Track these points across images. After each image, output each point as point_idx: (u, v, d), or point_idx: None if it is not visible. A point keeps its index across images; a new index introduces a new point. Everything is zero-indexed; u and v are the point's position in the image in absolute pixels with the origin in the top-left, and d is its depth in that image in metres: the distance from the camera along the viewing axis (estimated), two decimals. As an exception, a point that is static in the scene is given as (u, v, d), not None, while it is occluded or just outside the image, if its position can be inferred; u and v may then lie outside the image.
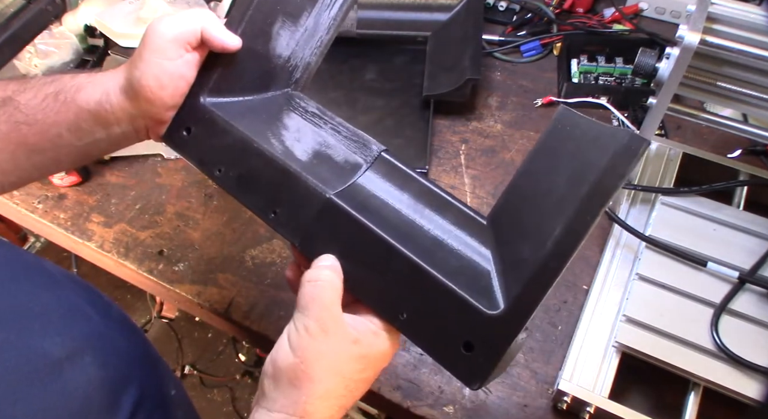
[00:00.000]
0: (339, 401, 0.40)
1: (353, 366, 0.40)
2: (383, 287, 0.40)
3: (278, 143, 0.45)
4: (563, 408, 0.56)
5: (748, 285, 0.57)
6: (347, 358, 0.39)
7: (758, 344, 0.54)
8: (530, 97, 0.84)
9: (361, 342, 0.40)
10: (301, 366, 0.38)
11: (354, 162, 0.44)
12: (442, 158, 0.78)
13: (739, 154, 0.74)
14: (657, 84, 0.53)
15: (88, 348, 0.38)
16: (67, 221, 0.75)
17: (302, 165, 0.43)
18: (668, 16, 0.92)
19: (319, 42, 0.48)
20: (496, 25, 0.94)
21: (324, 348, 0.39)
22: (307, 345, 0.38)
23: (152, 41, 0.45)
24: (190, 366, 1.52)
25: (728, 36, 0.50)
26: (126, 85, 0.46)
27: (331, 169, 0.44)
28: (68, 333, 0.38)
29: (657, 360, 0.54)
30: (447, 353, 0.37)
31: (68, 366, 0.36)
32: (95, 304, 0.43)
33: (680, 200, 0.64)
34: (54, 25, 0.94)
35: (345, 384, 0.40)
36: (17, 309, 0.37)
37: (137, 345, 0.46)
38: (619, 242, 0.64)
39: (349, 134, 0.45)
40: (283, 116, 0.47)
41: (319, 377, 0.38)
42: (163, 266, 0.70)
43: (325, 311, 0.39)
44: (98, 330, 0.41)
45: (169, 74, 0.45)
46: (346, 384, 0.40)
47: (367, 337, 0.40)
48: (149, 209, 0.75)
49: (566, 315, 0.64)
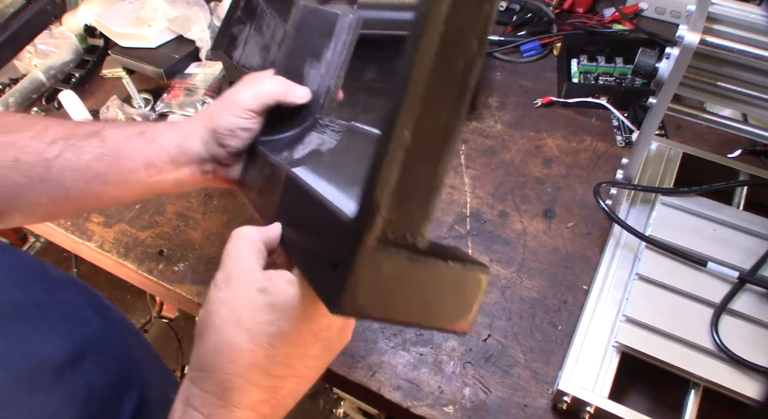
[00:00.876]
0: (248, 358, 0.35)
1: (258, 315, 0.36)
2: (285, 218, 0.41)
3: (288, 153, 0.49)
4: (563, 408, 0.56)
5: (748, 285, 0.57)
6: (249, 306, 0.36)
7: (758, 344, 0.54)
8: (530, 97, 0.84)
9: (269, 290, 0.37)
10: (204, 318, 0.37)
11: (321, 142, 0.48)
12: (442, 158, 0.78)
13: (739, 154, 0.74)
14: (657, 84, 0.53)
15: (89, 352, 0.38)
16: (67, 221, 0.75)
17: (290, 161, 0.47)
18: (668, 16, 0.92)
19: (337, 67, 0.54)
20: (496, 25, 0.94)
21: (224, 296, 0.37)
22: (212, 295, 0.38)
23: (234, 103, 0.52)
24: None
25: (728, 36, 0.50)
26: (203, 133, 0.52)
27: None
28: (69, 338, 0.38)
29: (657, 360, 0.54)
30: (318, 273, 0.32)
31: (69, 371, 0.36)
32: (96, 307, 0.43)
33: (680, 200, 0.64)
34: (54, 25, 0.94)
35: (250, 337, 0.36)
36: (19, 314, 0.37)
37: (137, 347, 0.46)
38: (619, 242, 0.64)
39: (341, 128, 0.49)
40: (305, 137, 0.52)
41: (218, 326, 0.36)
42: (163, 266, 0.70)
43: (233, 261, 0.39)
44: (99, 333, 0.41)
45: (241, 128, 0.51)
46: (252, 337, 0.36)
47: (278, 286, 0.37)
48: (149, 209, 0.75)
49: (566, 315, 0.64)
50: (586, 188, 0.74)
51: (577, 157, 0.77)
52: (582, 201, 0.73)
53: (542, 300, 0.65)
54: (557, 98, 0.83)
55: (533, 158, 0.77)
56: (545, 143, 0.79)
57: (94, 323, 0.42)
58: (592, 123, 0.81)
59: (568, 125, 0.81)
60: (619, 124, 0.80)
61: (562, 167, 0.76)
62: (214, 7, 0.93)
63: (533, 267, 0.67)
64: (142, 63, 0.88)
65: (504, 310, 0.64)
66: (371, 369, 0.61)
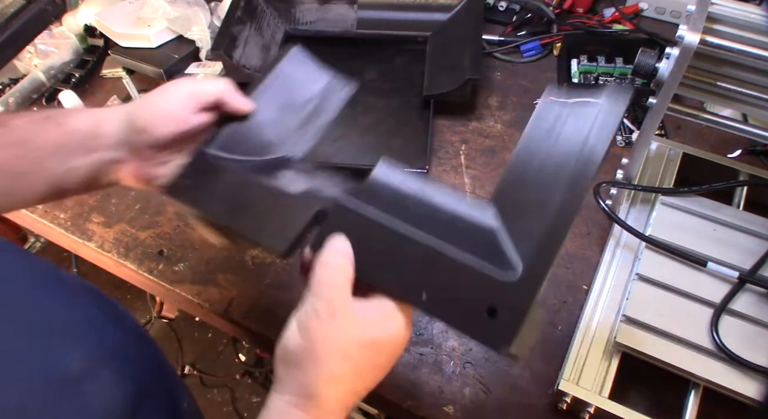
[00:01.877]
0: (347, 385, 0.39)
1: (362, 351, 0.39)
2: (400, 271, 0.40)
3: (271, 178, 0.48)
4: (563, 408, 0.56)
5: (748, 285, 0.57)
6: (356, 342, 0.39)
7: (758, 344, 0.54)
8: (530, 97, 0.84)
9: (372, 326, 0.40)
10: (308, 348, 0.38)
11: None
12: (442, 158, 0.78)
13: (739, 154, 0.74)
14: (657, 84, 0.53)
15: (106, 363, 0.38)
16: (67, 221, 0.75)
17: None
18: (668, 16, 0.92)
19: (318, 127, 0.52)
20: (496, 25, 0.94)
21: (331, 331, 0.38)
22: (314, 326, 0.38)
23: (167, 91, 0.48)
24: (190, 366, 1.52)
25: (728, 36, 0.50)
26: (123, 115, 0.48)
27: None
28: (87, 349, 0.38)
29: (657, 360, 0.54)
30: (472, 322, 0.38)
31: (87, 382, 0.36)
32: (111, 315, 0.43)
33: (680, 200, 0.64)
34: (54, 25, 0.94)
35: (354, 369, 0.39)
36: (38, 323, 0.37)
37: (151, 357, 0.46)
38: (619, 242, 0.64)
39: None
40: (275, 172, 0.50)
41: (324, 359, 0.38)
42: (163, 266, 0.70)
43: (335, 293, 0.39)
44: (115, 343, 0.41)
45: (169, 114, 0.48)
46: (355, 369, 0.39)
47: (379, 321, 0.40)
48: (149, 209, 0.75)
49: (566, 315, 0.64)
50: (586, 188, 0.74)
51: (577, 157, 0.77)
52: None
53: (542, 300, 0.65)
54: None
55: (533, 158, 0.77)
56: (545, 143, 0.79)
57: (111, 332, 0.41)
58: (592, 123, 0.81)
59: (568, 125, 0.81)
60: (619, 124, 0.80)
61: (562, 167, 0.76)
62: (214, 7, 0.93)
63: (533, 267, 0.67)
64: (142, 63, 0.88)
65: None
66: (371, 369, 0.61)
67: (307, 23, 0.92)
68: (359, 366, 0.39)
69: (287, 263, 0.69)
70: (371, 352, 0.40)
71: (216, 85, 0.49)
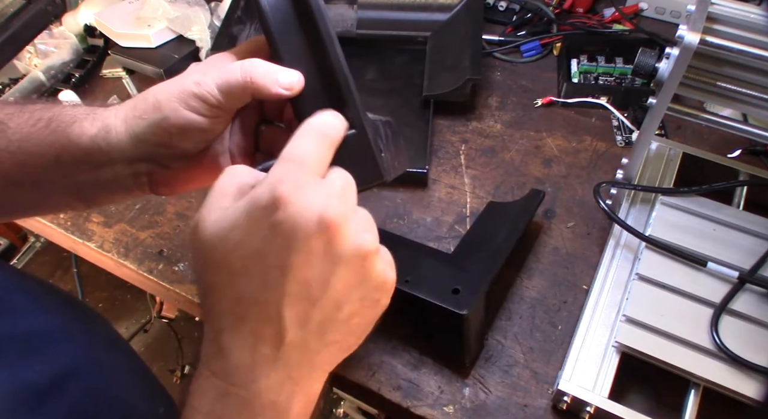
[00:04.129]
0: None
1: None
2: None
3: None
4: (563, 408, 0.56)
5: (748, 285, 0.57)
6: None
7: (758, 344, 0.54)
8: (530, 97, 0.84)
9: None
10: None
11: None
12: (442, 158, 0.78)
13: (739, 154, 0.74)
14: (657, 84, 0.53)
15: (73, 374, 0.36)
16: (67, 221, 0.75)
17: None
18: (668, 16, 0.92)
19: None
20: (496, 25, 0.94)
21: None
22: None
23: (189, 93, 0.39)
24: (190, 366, 1.52)
25: (728, 36, 0.50)
26: (137, 125, 0.40)
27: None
28: (51, 360, 0.36)
29: (657, 360, 0.54)
30: (443, 297, 0.54)
31: (51, 395, 0.34)
32: (80, 323, 0.41)
33: (680, 200, 0.64)
34: (54, 25, 0.94)
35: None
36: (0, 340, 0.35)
37: (124, 363, 0.44)
38: (619, 242, 0.64)
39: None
40: None
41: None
42: (163, 266, 0.70)
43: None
44: (83, 352, 0.39)
45: (198, 130, 0.40)
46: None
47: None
48: (149, 209, 0.75)
49: (566, 314, 0.64)
50: (586, 188, 0.74)
51: (577, 157, 0.77)
52: (582, 201, 0.73)
53: (542, 300, 0.65)
54: (557, 98, 0.83)
55: (533, 158, 0.77)
56: (545, 143, 0.79)
57: (79, 341, 0.39)
58: (592, 123, 0.81)
59: (568, 125, 0.81)
60: (619, 124, 0.80)
61: (562, 167, 0.76)
62: (214, 7, 0.93)
63: (533, 267, 0.67)
64: (142, 63, 0.88)
65: (504, 310, 0.64)
66: (371, 369, 0.61)
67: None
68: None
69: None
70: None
71: (248, 67, 0.38)
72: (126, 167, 0.42)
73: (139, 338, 1.59)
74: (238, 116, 0.44)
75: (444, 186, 0.75)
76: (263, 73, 0.38)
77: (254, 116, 0.45)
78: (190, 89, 0.39)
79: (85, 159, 0.42)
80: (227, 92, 0.39)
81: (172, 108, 0.39)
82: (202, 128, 0.40)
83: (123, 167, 0.42)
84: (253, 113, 0.45)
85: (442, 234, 0.71)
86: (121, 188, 0.44)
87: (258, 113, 0.45)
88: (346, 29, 0.89)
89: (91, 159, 0.42)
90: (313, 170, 0.32)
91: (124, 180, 0.43)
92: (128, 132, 0.41)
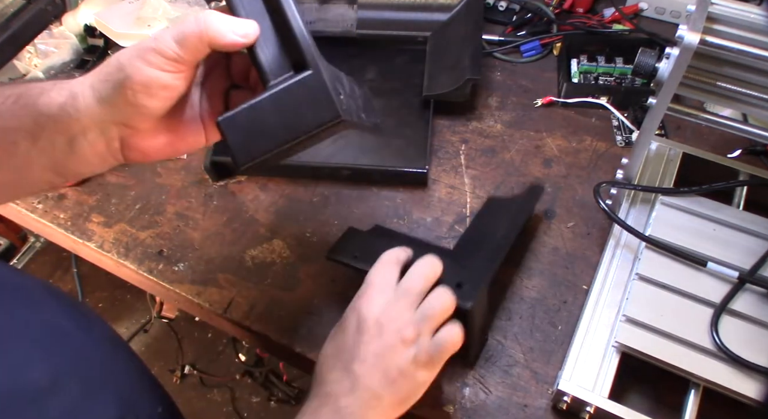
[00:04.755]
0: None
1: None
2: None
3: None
4: (563, 408, 0.56)
5: (748, 285, 0.57)
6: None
7: (758, 344, 0.54)
8: (530, 97, 0.84)
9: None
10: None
11: None
12: (442, 158, 0.78)
13: (739, 154, 0.74)
14: (657, 84, 0.53)
15: (72, 372, 0.37)
16: (67, 221, 0.75)
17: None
18: (668, 16, 0.92)
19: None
20: (496, 25, 0.94)
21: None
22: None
23: (149, 49, 0.40)
24: (190, 366, 1.52)
25: (728, 36, 0.50)
26: (102, 88, 0.41)
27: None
28: (51, 358, 0.36)
29: (657, 360, 0.54)
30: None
31: (51, 394, 0.35)
32: (78, 322, 0.41)
33: (680, 200, 0.64)
34: (54, 25, 0.94)
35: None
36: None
37: (122, 362, 0.44)
38: (619, 242, 0.64)
39: None
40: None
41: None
42: (163, 266, 0.70)
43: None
44: (82, 351, 0.39)
45: (160, 85, 0.40)
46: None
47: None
48: (149, 209, 0.75)
49: (566, 314, 0.64)
50: (586, 188, 0.74)
51: (577, 157, 0.77)
52: (582, 201, 0.73)
53: (542, 300, 0.65)
54: (557, 98, 0.83)
55: (533, 158, 0.77)
56: (545, 143, 0.79)
57: (78, 340, 0.40)
58: (592, 123, 0.81)
59: (568, 125, 0.81)
60: (619, 124, 0.80)
61: (562, 167, 0.76)
62: (214, 8, 0.93)
63: (533, 267, 0.68)
64: (142, 63, 0.88)
65: (504, 310, 0.64)
66: (371, 369, 0.61)
67: (307, 23, 0.91)
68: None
69: (287, 263, 0.69)
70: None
71: (204, 19, 0.39)
72: (97, 133, 0.43)
73: (139, 338, 1.59)
74: (208, 81, 0.47)
75: (444, 186, 0.75)
76: (218, 21, 0.40)
77: (223, 81, 0.48)
78: (148, 45, 0.40)
79: (57, 128, 0.42)
80: (183, 43, 0.39)
81: (134, 66, 0.40)
82: (165, 84, 0.40)
83: (94, 135, 0.43)
84: (222, 78, 0.48)
85: (442, 234, 0.71)
86: (96, 157, 0.44)
87: (226, 78, 0.48)
88: (346, 29, 0.89)
89: (62, 128, 0.42)
90: (384, 286, 0.51)
91: (96, 147, 0.43)
92: (95, 96, 0.41)
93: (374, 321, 0.48)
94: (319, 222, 0.72)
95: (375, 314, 0.49)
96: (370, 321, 0.48)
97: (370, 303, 0.49)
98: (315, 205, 0.74)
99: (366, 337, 0.48)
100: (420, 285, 0.50)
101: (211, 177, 0.76)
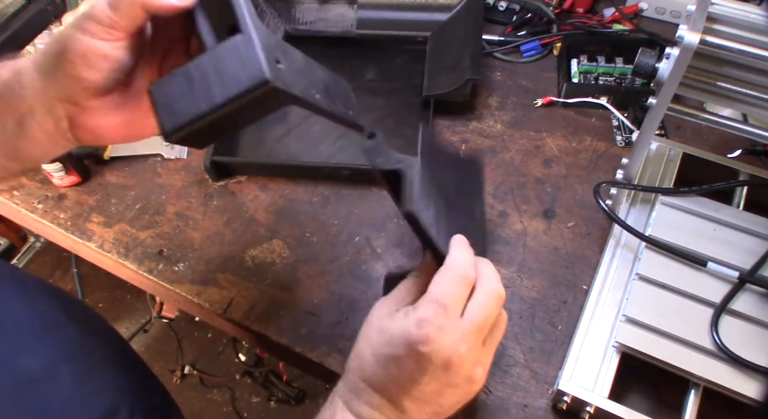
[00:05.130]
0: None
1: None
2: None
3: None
4: (563, 408, 0.56)
5: (748, 285, 0.57)
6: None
7: (758, 344, 0.54)
8: (530, 97, 0.84)
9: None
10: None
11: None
12: (442, 158, 0.78)
13: (739, 154, 0.74)
14: (657, 84, 0.53)
15: (66, 361, 0.37)
16: (67, 221, 0.75)
17: None
18: (668, 16, 0.92)
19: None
20: (496, 25, 0.94)
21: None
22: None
23: (85, 19, 0.39)
24: (190, 366, 1.52)
25: (728, 36, 0.50)
26: (44, 61, 0.40)
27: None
28: (44, 347, 0.37)
29: (657, 360, 0.54)
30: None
31: (45, 381, 0.35)
32: (72, 314, 0.42)
33: (680, 200, 0.64)
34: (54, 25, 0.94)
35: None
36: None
37: (116, 353, 0.45)
38: (619, 242, 0.64)
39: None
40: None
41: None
42: (163, 266, 0.70)
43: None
44: (76, 341, 0.40)
45: (98, 55, 0.39)
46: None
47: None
48: (149, 209, 0.75)
49: (566, 314, 0.64)
50: (586, 188, 0.74)
51: (577, 157, 0.77)
52: (582, 201, 0.73)
53: (542, 300, 0.65)
54: (557, 98, 0.83)
55: (533, 158, 0.77)
56: (545, 143, 0.79)
57: (71, 330, 0.40)
58: (592, 123, 0.81)
59: (568, 125, 0.81)
60: (619, 124, 0.80)
61: (562, 167, 0.76)
62: (214, 7, 0.93)
63: (533, 267, 0.68)
64: (142, 63, 0.88)
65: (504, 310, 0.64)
66: (371, 369, 0.61)
67: (307, 23, 0.92)
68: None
69: (287, 263, 0.69)
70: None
71: None
72: (44, 112, 0.41)
73: (139, 338, 1.59)
74: (166, 62, 0.45)
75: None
76: None
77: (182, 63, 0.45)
78: (84, 13, 0.39)
79: (5, 109, 0.41)
80: (117, 7, 0.39)
81: (71, 37, 0.39)
82: (104, 54, 0.39)
83: (41, 114, 0.41)
84: (181, 59, 0.45)
85: (442, 234, 0.71)
86: (46, 138, 0.43)
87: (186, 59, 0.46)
88: (346, 29, 0.89)
89: (9, 108, 0.41)
90: (454, 312, 0.41)
91: (45, 126, 0.42)
92: (37, 70, 0.41)
93: (442, 363, 0.40)
94: (319, 222, 0.72)
95: (445, 354, 0.40)
96: (437, 361, 0.40)
97: (440, 336, 0.40)
98: (315, 205, 0.74)
99: (426, 378, 0.41)
100: (493, 320, 0.44)
101: (211, 177, 0.76)
